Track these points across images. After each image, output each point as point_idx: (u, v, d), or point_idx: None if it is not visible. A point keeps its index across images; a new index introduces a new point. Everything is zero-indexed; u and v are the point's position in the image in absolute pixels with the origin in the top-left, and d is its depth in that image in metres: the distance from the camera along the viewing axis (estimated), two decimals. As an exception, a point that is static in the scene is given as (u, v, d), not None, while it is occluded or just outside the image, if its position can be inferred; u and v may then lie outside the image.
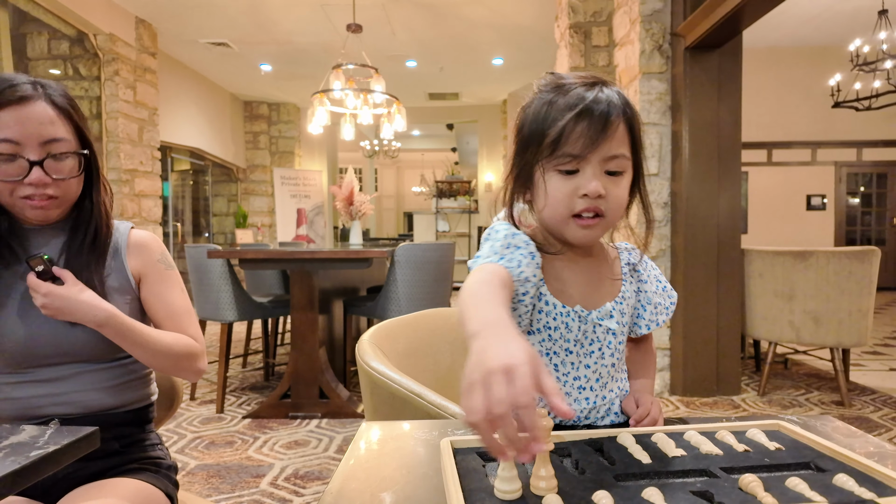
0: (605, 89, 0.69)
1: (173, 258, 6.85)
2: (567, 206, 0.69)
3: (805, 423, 0.68)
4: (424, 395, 0.80)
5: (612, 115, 0.67)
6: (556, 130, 0.67)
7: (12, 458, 0.61)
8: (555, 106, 0.69)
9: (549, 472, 0.48)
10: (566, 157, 0.68)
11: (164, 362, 0.92)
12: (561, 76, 0.72)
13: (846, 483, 0.48)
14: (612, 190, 0.69)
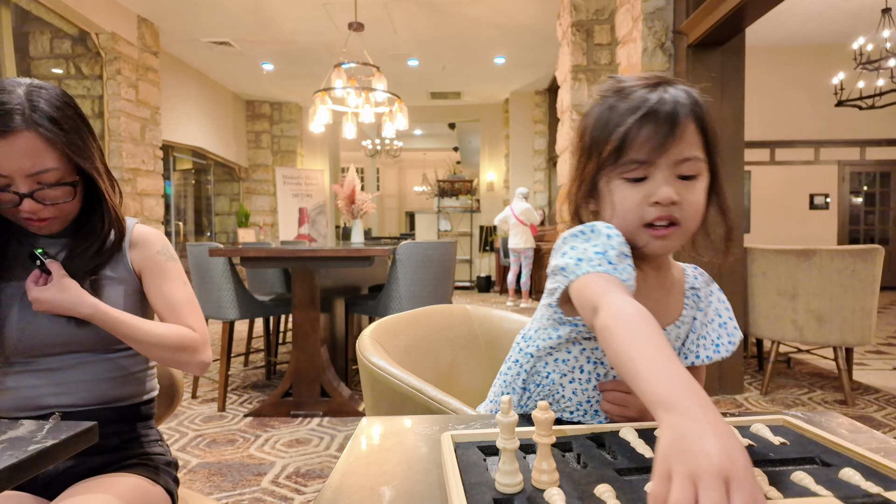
0: (671, 88, 0.64)
1: (175, 257, 6.87)
2: (637, 215, 0.64)
3: (810, 418, 0.67)
4: (425, 391, 0.79)
5: (681, 115, 0.62)
6: (619, 136, 0.63)
7: (10, 452, 0.60)
8: (616, 111, 0.65)
9: (550, 465, 0.47)
10: (632, 164, 0.64)
11: (161, 354, 0.91)
12: (621, 79, 0.68)
13: (852, 477, 0.47)
14: (686, 195, 0.64)
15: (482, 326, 1.25)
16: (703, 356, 0.74)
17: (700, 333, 0.74)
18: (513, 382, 0.79)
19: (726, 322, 0.75)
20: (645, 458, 0.53)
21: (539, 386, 0.75)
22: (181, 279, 1.00)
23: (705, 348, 0.74)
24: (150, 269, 0.98)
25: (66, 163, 0.84)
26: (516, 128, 8.30)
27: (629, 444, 0.56)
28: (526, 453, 0.55)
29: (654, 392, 0.43)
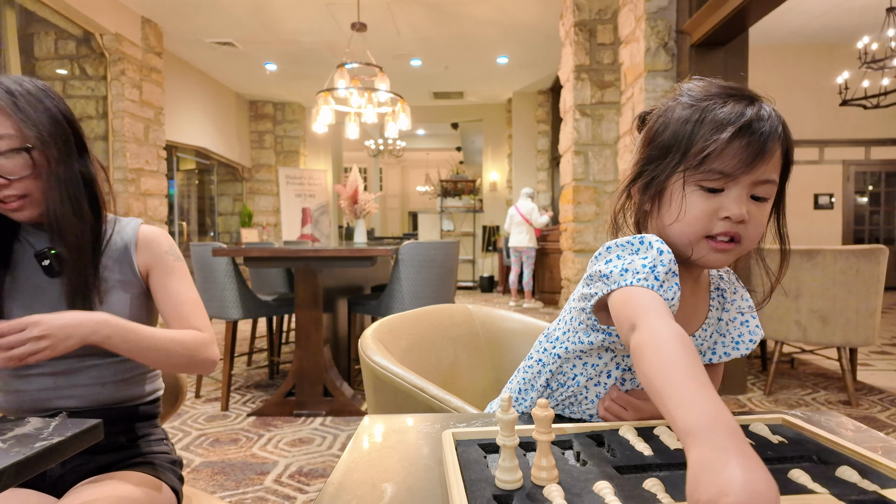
0: (766, 107, 0.63)
1: (179, 257, 6.90)
2: (704, 225, 0.63)
3: (809, 417, 0.67)
4: (427, 389, 0.80)
5: (774, 138, 0.62)
6: (711, 142, 0.61)
7: (17, 448, 0.61)
8: (710, 115, 0.62)
9: (549, 462, 0.48)
10: (715, 174, 0.62)
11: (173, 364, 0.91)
12: (711, 83, 0.66)
13: (849, 475, 0.47)
14: (755, 215, 0.63)
15: (484, 326, 1.26)
16: (721, 353, 0.74)
17: (720, 330, 0.74)
18: (533, 380, 0.79)
19: (748, 321, 0.75)
20: (644, 456, 0.53)
21: (563, 386, 0.75)
22: (187, 280, 1.01)
23: (724, 345, 0.74)
24: (158, 270, 0.97)
25: (20, 132, 0.83)
26: (519, 128, 8.30)
27: (629, 443, 0.56)
28: (526, 451, 0.56)
29: (683, 420, 0.42)
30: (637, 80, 3.09)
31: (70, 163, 0.88)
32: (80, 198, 0.90)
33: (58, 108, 0.88)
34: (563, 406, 0.76)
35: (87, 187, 0.91)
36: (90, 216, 0.91)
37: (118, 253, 0.95)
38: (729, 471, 0.35)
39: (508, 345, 1.26)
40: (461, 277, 9.06)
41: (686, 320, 0.69)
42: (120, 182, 4.89)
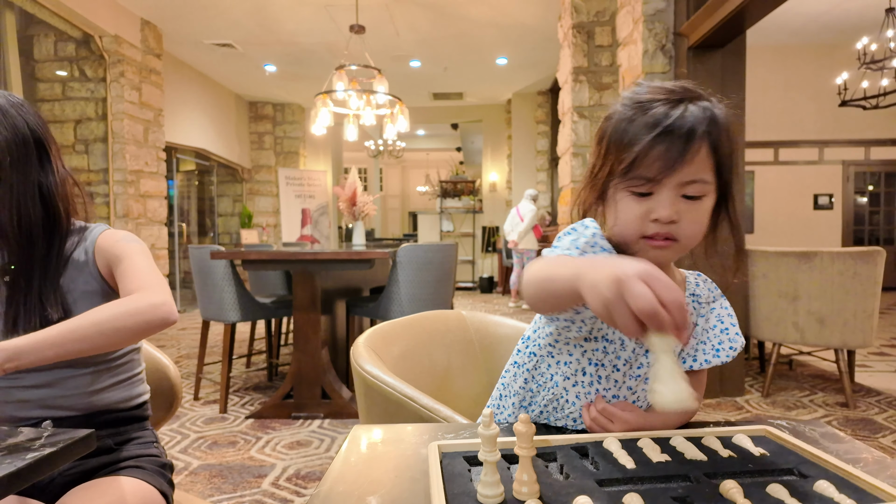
0: (692, 106, 0.64)
1: (178, 258, 6.82)
2: (638, 228, 0.67)
3: (794, 428, 0.68)
4: (416, 399, 0.80)
5: (694, 138, 0.63)
6: (633, 151, 0.64)
7: (9, 460, 0.62)
8: (634, 123, 0.65)
9: (531, 477, 0.48)
10: (640, 180, 0.65)
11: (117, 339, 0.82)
12: (647, 89, 0.68)
13: (826, 490, 0.48)
14: (686, 215, 0.65)
15: (478, 332, 1.26)
16: (702, 360, 0.75)
17: (700, 339, 0.75)
18: (511, 383, 0.81)
19: (728, 328, 0.76)
20: (626, 468, 0.54)
21: (542, 388, 0.76)
22: (141, 255, 0.94)
23: (705, 353, 0.75)
24: (113, 258, 0.93)
25: None
26: (519, 128, 8.30)
27: (612, 455, 0.57)
28: (510, 463, 0.56)
29: (568, 278, 0.53)
30: (635, 82, 3.09)
31: (26, 171, 0.88)
32: (32, 208, 0.89)
33: (22, 119, 0.88)
34: (547, 413, 0.77)
35: (44, 199, 0.91)
36: (41, 228, 0.90)
37: (80, 263, 0.94)
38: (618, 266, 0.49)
39: (502, 350, 1.26)
40: (461, 278, 9.06)
41: None
42: (119, 184, 4.90)
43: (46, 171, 0.92)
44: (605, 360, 0.71)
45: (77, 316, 0.80)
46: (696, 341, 0.75)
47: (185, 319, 5.87)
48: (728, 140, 0.66)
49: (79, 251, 0.94)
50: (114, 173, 4.90)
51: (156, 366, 1.15)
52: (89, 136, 4.96)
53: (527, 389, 0.78)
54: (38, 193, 0.90)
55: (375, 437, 0.69)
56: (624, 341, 0.71)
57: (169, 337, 4.84)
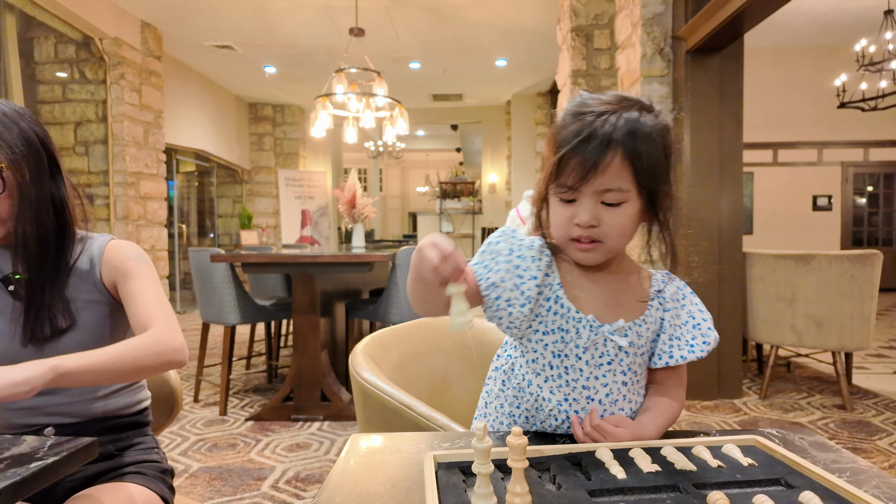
0: (613, 118, 0.68)
1: (178, 259, 6.80)
2: (566, 231, 0.73)
3: (784, 437, 0.69)
4: (414, 407, 0.82)
5: (605, 152, 0.67)
6: (557, 161, 0.69)
7: (13, 469, 0.63)
8: (560, 135, 0.71)
9: (523, 488, 0.50)
10: (563, 188, 0.71)
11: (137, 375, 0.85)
12: (587, 101, 0.72)
13: (811, 501, 0.49)
14: (607, 219, 0.70)
15: (475, 338, 1.27)
16: (678, 356, 0.77)
17: (672, 334, 0.78)
18: (493, 389, 0.84)
19: (700, 323, 0.78)
20: (617, 479, 0.55)
21: (519, 389, 0.78)
22: (149, 280, 0.96)
23: (679, 348, 0.77)
24: (121, 278, 0.95)
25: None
26: (518, 130, 8.31)
27: (604, 465, 0.58)
28: (504, 474, 0.57)
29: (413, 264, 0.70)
30: (633, 85, 3.10)
31: (41, 184, 0.90)
32: (48, 220, 0.91)
33: (33, 131, 0.90)
34: (532, 416, 0.78)
35: (56, 210, 0.92)
36: (55, 239, 0.92)
37: (84, 272, 0.95)
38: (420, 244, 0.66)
39: (500, 355, 1.27)
40: (461, 279, 9.06)
41: (608, 307, 0.75)
42: (119, 185, 4.92)
43: (58, 183, 0.94)
44: (566, 349, 0.74)
45: (111, 347, 0.82)
46: (667, 336, 0.78)
47: (184, 321, 5.88)
48: (649, 152, 0.68)
49: (83, 260, 0.95)
50: (114, 175, 4.91)
51: (156, 371, 1.16)
52: (89, 137, 4.97)
53: (506, 393, 0.81)
54: (51, 205, 0.92)
55: (373, 445, 0.70)
56: (578, 330, 0.74)
57: (169, 338, 4.85)
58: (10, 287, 0.90)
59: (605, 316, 0.74)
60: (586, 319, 0.73)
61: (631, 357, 0.75)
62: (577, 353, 0.74)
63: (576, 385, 0.75)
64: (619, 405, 0.76)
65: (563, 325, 0.74)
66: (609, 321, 0.74)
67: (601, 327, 0.73)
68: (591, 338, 0.74)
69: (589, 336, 0.73)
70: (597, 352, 0.74)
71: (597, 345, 0.74)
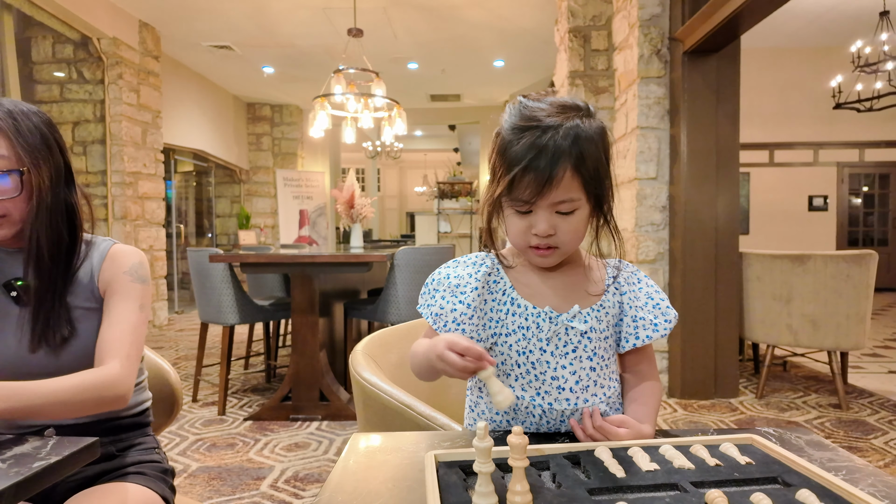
0: (560, 131, 0.71)
1: (176, 259, 6.78)
2: (524, 240, 0.77)
3: (781, 435, 0.70)
4: (414, 407, 0.82)
5: (557, 167, 0.70)
6: (510, 178, 0.72)
7: (16, 468, 0.63)
8: (510, 150, 0.73)
9: (524, 487, 0.50)
10: (518, 202, 0.74)
11: (71, 414, 0.83)
12: (524, 110, 0.75)
13: (808, 499, 0.50)
14: (562, 226, 0.75)
15: (474, 338, 1.28)
16: (643, 336, 0.81)
17: (635, 315, 0.82)
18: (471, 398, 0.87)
19: (658, 303, 0.83)
20: (616, 477, 0.56)
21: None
22: (132, 303, 0.94)
23: (644, 328, 0.81)
24: (110, 289, 0.94)
25: (16, 154, 0.86)
26: (516, 130, 8.32)
27: (603, 464, 0.59)
28: (505, 472, 0.58)
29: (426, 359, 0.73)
30: (631, 86, 3.11)
31: (58, 191, 0.91)
32: (62, 226, 0.91)
33: (54, 139, 0.91)
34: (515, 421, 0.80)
35: (69, 216, 0.93)
36: (68, 245, 0.93)
37: (85, 278, 0.94)
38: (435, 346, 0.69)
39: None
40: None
41: (563, 298, 0.80)
42: (118, 185, 4.91)
43: (71, 190, 0.94)
44: (530, 345, 0.77)
45: (51, 384, 0.80)
46: (630, 318, 0.82)
47: (182, 321, 5.87)
48: (593, 157, 0.73)
49: (84, 267, 0.95)
50: (112, 175, 4.90)
51: (156, 371, 1.16)
52: (87, 137, 4.96)
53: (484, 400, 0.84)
54: (65, 213, 0.92)
55: (373, 444, 0.71)
56: (539, 323, 0.77)
57: (167, 339, 4.85)
58: (12, 293, 0.90)
59: (561, 307, 0.79)
60: (544, 312, 0.77)
61: (594, 342, 0.79)
62: (540, 347, 0.77)
63: (544, 378, 0.77)
64: (592, 391, 0.78)
65: (522, 324, 0.78)
66: (564, 310, 0.78)
67: (559, 317, 0.77)
68: (551, 328, 0.77)
69: (549, 327, 0.77)
70: (560, 341, 0.77)
71: (558, 335, 0.77)
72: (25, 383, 0.78)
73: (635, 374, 0.84)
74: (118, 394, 0.86)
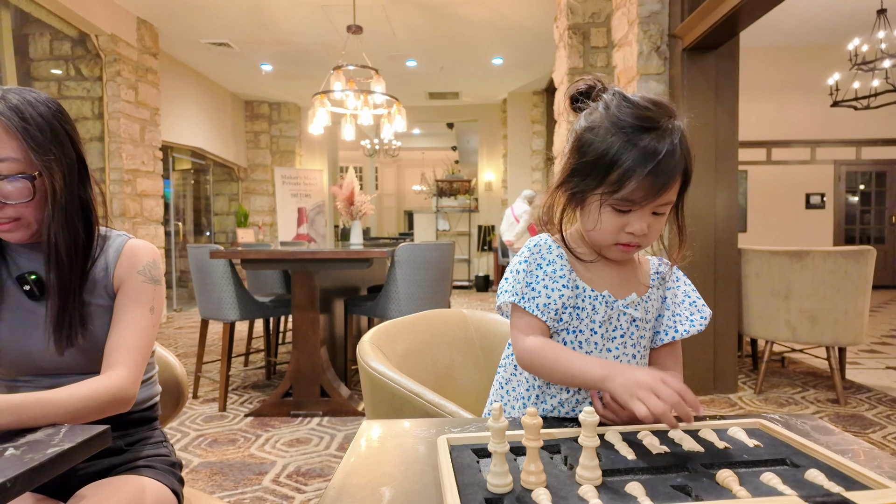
0: (675, 138, 0.71)
1: (175, 257, 6.75)
2: (614, 237, 0.77)
3: (786, 421, 0.71)
4: (423, 395, 0.83)
5: (676, 174, 0.72)
6: (624, 178, 0.71)
7: (30, 455, 0.64)
8: (627, 150, 0.71)
9: (538, 467, 0.51)
10: (625, 202, 0.73)
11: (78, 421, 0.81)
12: (633, 108, 0.73)
13: (817, 478, 0.51)
14: (654, 226, 0.76)
15: (478, 330, 1.29)
16: (682, 330, 0.84)
17: (675, 311, 0.85)
18: (507, 369, 0.88)
19: (695, 301, 0.86)
20: (627, 459, 0.56)
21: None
22: (143, 306, 0.93)
23: (681, 324, 0.84)
24: (123, 288, 0.93)
25: (27, 156, 0.83)
26: (514, 128, 8.33)
27: (613, 447, 0.59)
28: (517, 455, 0.59)
29: (595, 376, 0.69)
30: (630, 83, 3.12)
31: (72, 190, 0.88)
32: (78, 225, 0.89)
33: (65, 132, 0.88)
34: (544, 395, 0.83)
35: (84, 214, 0.91)
36: (84, 243, 0.91)
37: (100, 274, 0.93)
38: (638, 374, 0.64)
39: (502, 348, 1.29)
40: (456, 277, 9.09)
41: (619, 286, 0.82)
42: (116, 183, 4.90)
43: (85, 186, 0.92)
44: (581, 325, 0.80)
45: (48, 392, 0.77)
46: (670, 313, 0.85)
47: (182, 318, 5.86)
48: (691, 160, 0.75)
49: (100, 263, 0.93)
50: (110, 172, 4.89)
51: (162, 364, 1.16)
52: (85, 135, 4.94)
53: (517, 377, 0.85)
54: (80, 210, 0.90)
55: (384, 431, 0.71)
56: (595, 306, 0.79)
57: (167, 336, 4.84)
58: (25, 287, 0.89)
59: (617, 292, 0.80)
60: (602, 296, 0.79)
61: (640, 330, 0.81)
62: (591, 328, 0.79)
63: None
64: None
65: (578, 304, 0.79)
66: (620, 297, 0.80)
67: (615, 302, 0.80)
68: (606, 312, 0.79)
69: (605, 311, 0.79)
70: (611, 326, 0.80)
71: (611, 319, 0.80)
72: (34, 396, 0.75)
73: (662, 367, 0.86)
74: (124, 400, 0.86)
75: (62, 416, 0.77)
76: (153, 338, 0.95)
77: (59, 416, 0.76)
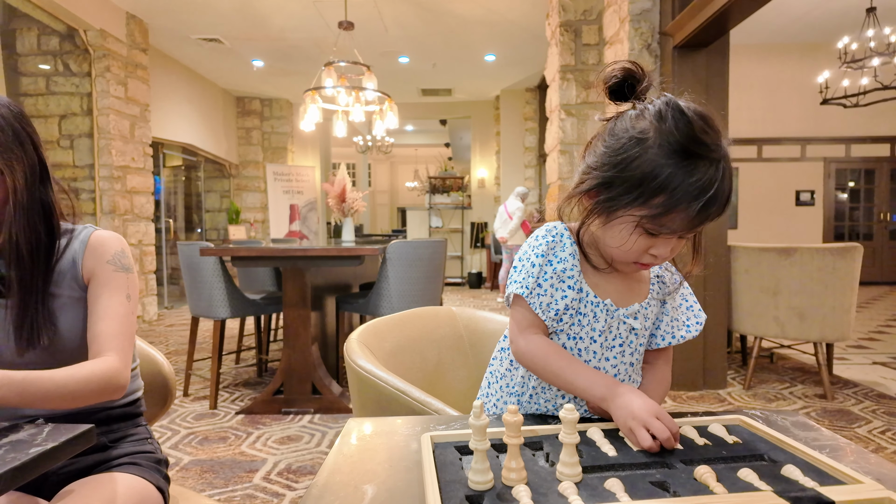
0: (725, 174, 0.66)
1: (165, 254, 6.72)
2: (637, 257, 0.73)
3: (767, 417, 0.72)
4: (409, 392, 0.83)
5: (723, 207, 0.67)
6: (670, 207, 0.66)
7: (12, 454, 0.63)
8: (678, 178, 0.65)
9: (518, 464, 0.51)
10: (664, 229, 0.68)
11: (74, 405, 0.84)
12: (686, 122, 0.66)
13: (793, 473, 0.51)
14: (676, 248, 0.73)
15: (467, 327, 1.29)
16: (679, 336, 0.84)
17: (674, 316, 0.85)
18: (498, 370, 0.88)
19: (692, 305, 0.86)
20: (608, 456, 0.57)
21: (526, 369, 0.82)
22: (120, 293, 0.94)
23: (679, 329, 0.85)
24: (95, 279, 0.94)
25: None
26: (507, 125, 8.33)
27: (595, 444, 0.60)
28: (499, 452, 0.59)
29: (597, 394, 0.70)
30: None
31: (33, 191, 0.89)
32: (40, 226, 0.90)
33: (27, 134, 0.89)
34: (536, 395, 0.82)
35: (46, 215, 0.92)
36: (46, 243, 0.91)
37: (67, 267, 0.93)
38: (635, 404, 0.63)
39: (491, 345, 1.29)
40: (449, 273, 9.10)
41: (622, 293, 0.80)
42: (106, 179, 4.86)
43: (46, 187, 0.93)
44: (582, 332, 0.79)
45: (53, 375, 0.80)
46: (669, 318, 0.84)
47: (172, 316, 5.83)
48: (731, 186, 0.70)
49: (67, 256, 0.94)
50: (100, 169, 4.85)
51: (149, 361, 1.16)
52: (74, 131, 4.90)
53: (512, 372, 0.85)
54: (42, 211, 0.91)
55: (369, 429, 0.71)
56: (596, 314, 0.78)
57: (157, 334, 4.82)
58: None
59: (620, 300, 0.79)
60: (604, 304, 0.78)
61: (639, 338, 0.81)
62: (591, 336, 0.79)
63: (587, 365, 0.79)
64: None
65: (581, 309, 0.78)
66: (622, 305, 0.79)
67: (616, 311, 0.78)
68: (607, 321, 0.78)
69: (606, 319, 0.78)
70: (610, 334, 0.79)
71: (611, 328, 0.79)
72: (35, 374, 0.77)
73: (652, 366, 0.87)
74: (119, 385, 0.88)
75: (61, 398, 0.80)
76: (134, 325, 0.96)
77: (57, 398, 0.79)
